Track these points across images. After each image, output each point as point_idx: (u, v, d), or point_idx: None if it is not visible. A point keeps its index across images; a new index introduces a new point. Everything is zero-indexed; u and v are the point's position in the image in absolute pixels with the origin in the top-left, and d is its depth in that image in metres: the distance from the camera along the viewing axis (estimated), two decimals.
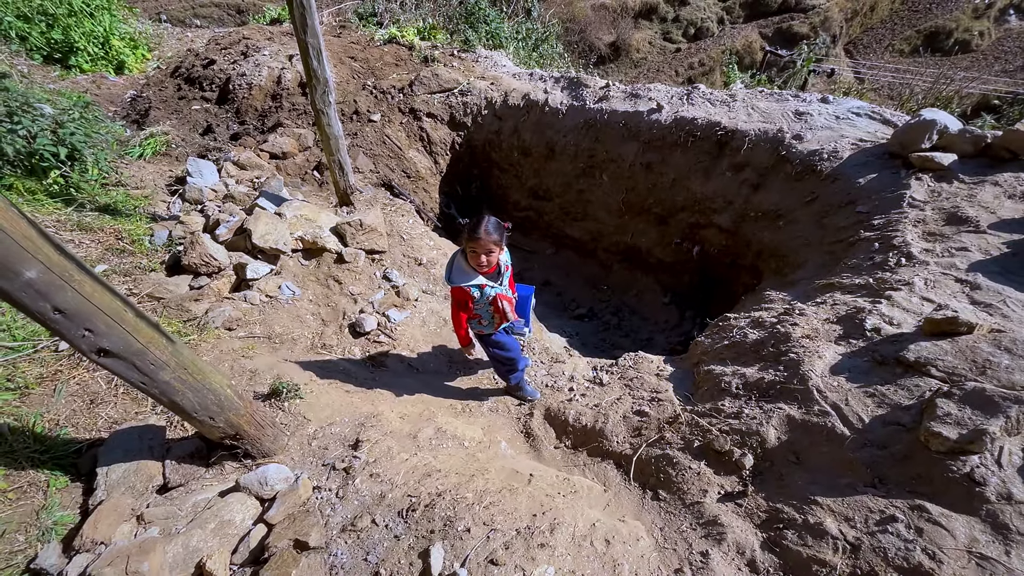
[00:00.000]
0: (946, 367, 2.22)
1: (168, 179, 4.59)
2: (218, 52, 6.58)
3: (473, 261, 2.44)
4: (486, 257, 2.41)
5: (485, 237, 2.34)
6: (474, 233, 2.35)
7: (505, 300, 2.62)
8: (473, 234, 2.35)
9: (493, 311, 2.68)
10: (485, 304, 2.62)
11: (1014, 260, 2.90)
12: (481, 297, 2.54)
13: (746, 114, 5.04)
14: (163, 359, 1.74)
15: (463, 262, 2.49)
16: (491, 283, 2.55)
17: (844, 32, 23.44)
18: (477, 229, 2.35)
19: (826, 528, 1.93)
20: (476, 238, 2.34)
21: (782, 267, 4.26)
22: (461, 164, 6.42)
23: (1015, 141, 3.54)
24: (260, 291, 3.55)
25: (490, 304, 2.63)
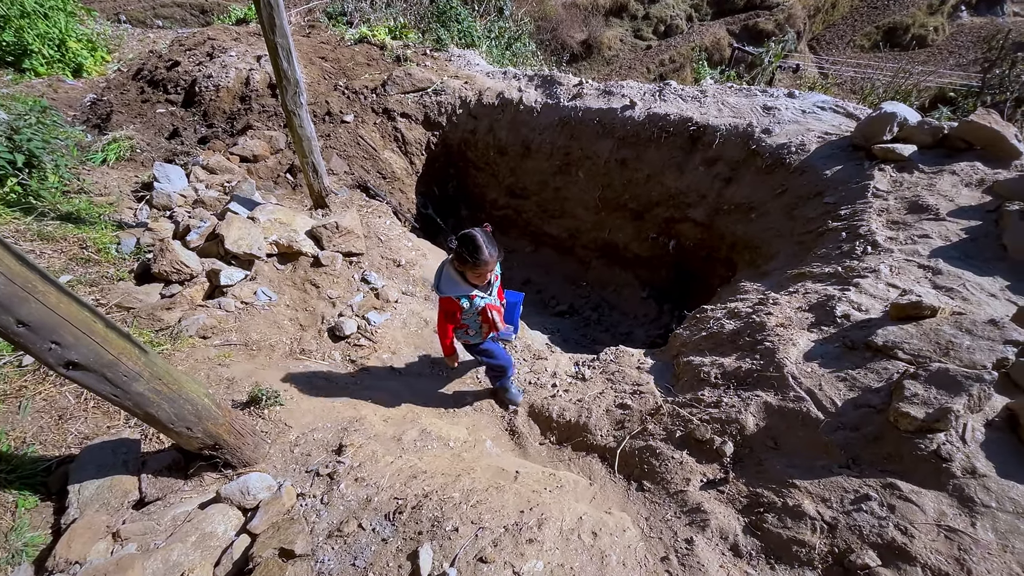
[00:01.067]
0: (912, 350, 2.31)
1: (134, 185, 4.44)
2: (182, 53, 6.40)
3: (474, 280, 2.35)
4: (490, 274, 2.33)
5: (491, 259, 2.21)
6: (478, 258, 2.19)
7: (494, 311, 2.54)
8: (477, 259, 2.19)
9: (481, 321, 2.59)
10: (474, 315, 2.52)
11: (972, 245, 3.03)
12: (470, 308, 2.44)
13: (717, 109, 5.14)
14: (136, 370, 1.69)
15: (453, 272, 2.37)
16: (481, 294, 2.45)
17: (808, 29, 24.10)
18: (479, 254, 2.19)
19: (804, 509, 1.99)
20: (482, 263, 2.20)
21: (756, 259, 4.36)
22: (437, 164, 6.38)
23: (970, 132, 3.70)
24: (235, 298, 3.47)
25: (479, 315, 2.53)
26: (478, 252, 2.19)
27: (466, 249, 2.21)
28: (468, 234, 2.22)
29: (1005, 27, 20.40)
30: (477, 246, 2.19)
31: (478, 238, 2.20)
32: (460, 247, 2.22)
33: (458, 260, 2.28)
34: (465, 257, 2.22)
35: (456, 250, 2.24)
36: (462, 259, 2.24)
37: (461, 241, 2.23)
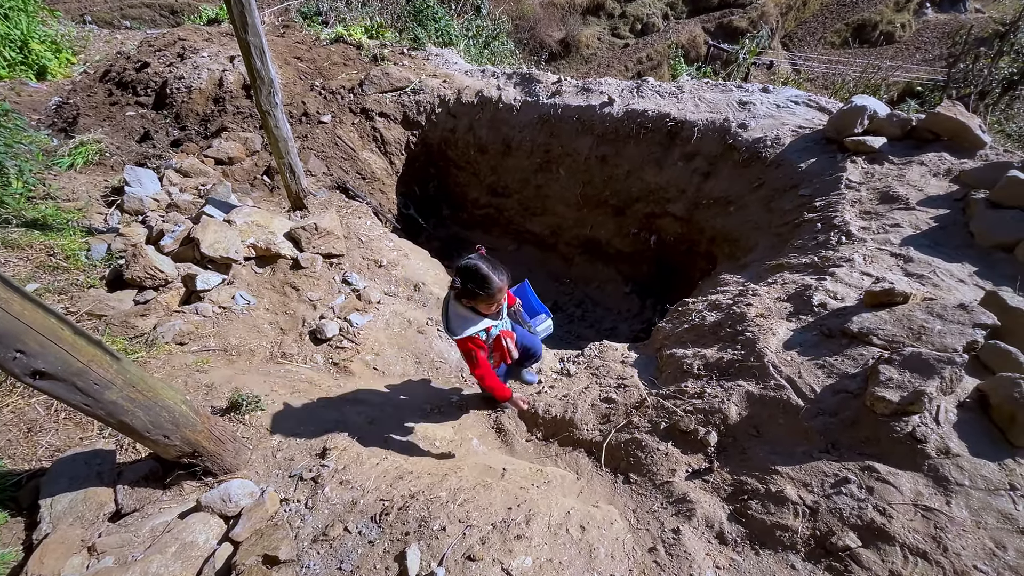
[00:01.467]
0: (886, 335, 2.37)
1: (104, 190, 4.31)
2: (152, 55, 6.23)
3: (486, 311, 2.15)
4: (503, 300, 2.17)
5: (503, 285, 2.04)
6: (489, 289, 2.00)
7: (508, 338, 2.36)
8: (488, 290, 2.00)
9: (493, 349, 2.38)
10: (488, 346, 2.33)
11: (941, 233, 3.12)
12: (487, 340, 2.26)
13: (694, 105, 5.20)
14: (108, 378, 1.64)
15: (462, 309, 2.16)
16: (494, 322, 2.26)
17: (780, 26, 24.56)
18: (489, 285, 1.99)
19: (786, 495, 2.03)
20: (495, 292, 2.02)
21: (735, 251, 4.43)
22: (417, 163, 6.34)
23: (936, 123, 3.80)
24: (212, 302, 3.40)
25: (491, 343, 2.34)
26: (487, 283, 1.99)
27: (472, 282, 2.00)
28: (469, 266, 2.01)
29: (967, 23, 21.07)
30: (483, 276, 1.99)
31: (481, 267, 2.00)
32: (465, 282, 2.01)
33: (465, 296, 2.07)
34: (474, 291, 2.02)
35: (461, 287, 2.02)
36: (470, 294, 2.03)
37: (463, 275, 2.01)
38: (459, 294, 2.08)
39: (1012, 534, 1.70)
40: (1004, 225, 2.90)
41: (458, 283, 2.03)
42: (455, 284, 2.04)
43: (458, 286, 2.03)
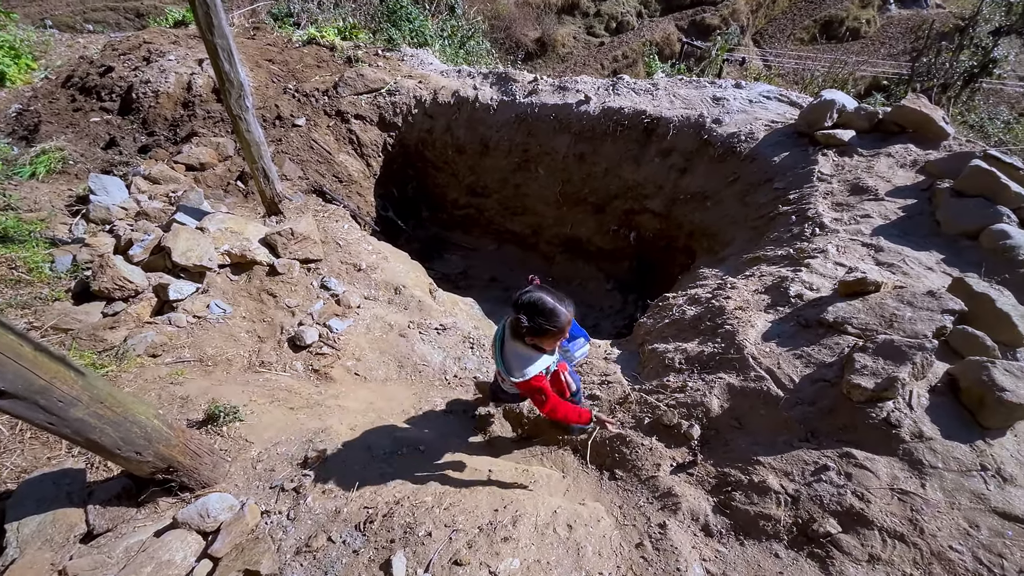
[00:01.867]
0: (860, 324, 2.42)
1: (68, 199, 4.17)
2: (116, 59, 6.04)
3: (551, 347, 1.98)
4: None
5: (571, 318, 1.88)
6: (557, 323, 1.82)
7: (563, 370, 2.23)
8: (557, 324, 1.82)
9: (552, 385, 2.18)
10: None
11: (909, 222, 3.21)
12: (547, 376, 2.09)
13: (669, 101, 5.25)
14: (73, 394, 1.57)
15: (526, 350, 1.96)
16: (553, 356, 2.09)
17: (751, 23, 25.00)
18: (558, 319, 1.82)
19: (769, 485, 2.06)
20: (564, 326, 1.85)
21: (713, 245, 4.48)
22: (395, 165, 6.27)
23: (902, 116, 3.91)
24: (186, 312, 3.31)
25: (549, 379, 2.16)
26: (555, 317, 1.82)
27: (541, 318, 1.82)
28: (532, 301, 1.83)
29: (929, 18, 21.76)
30: (551, 310, 1.82)
31: (547, 300, 1.83)
32: (532, 319, 1.82)
33: (532, 335, 1.87)
34: (542, 327, 1.83)
35: (527, 326, 1.82)
36: (537, 331, 1.85)
37: (528, 311, 1.83)
38: (526, 334, 1.87)
39: (984, 513, 1.75)
40: (968, 213, 2.99)
41: (524, 321, 1.82)
42: (519, 323, 1.83)
43: (525, 324, 1.82)
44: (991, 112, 12.08)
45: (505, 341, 2.02)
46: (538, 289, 1.89)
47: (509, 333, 1.98)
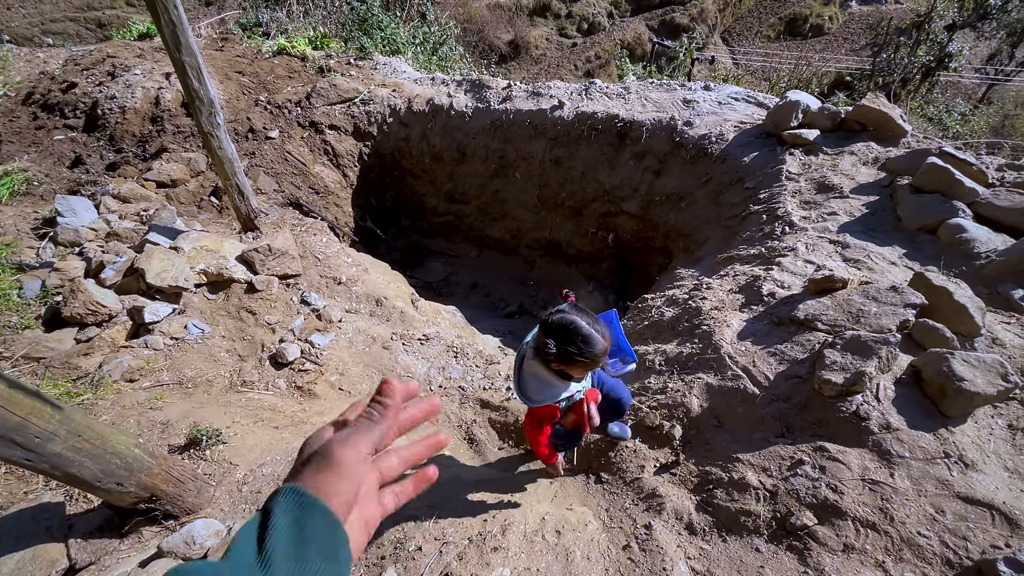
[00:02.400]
0: (829, 320, 2.51)
1: (33, 222, 4.05)
2: (79, 74, 5.89)
3: (579, 374, 1.74)
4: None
5: (607, 346, 1.63)
6: (592, 352, 1.59)
7: (592, 400, 1.98)
8: (592, 354, 1.59)
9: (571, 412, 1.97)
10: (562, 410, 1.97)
11: (873, 219, 3.34)
12: (565, 404, 1.91)
13: (640, 105, 5.35)
14: (50, 429, 1.55)
15: (546, 374, 1.73)
16: (582, 384, 1.89)
17: (719, 22, 25.53)
18: (593, 346, 1.58)
19: (748, 481, 2.12)
20: (595, 357, 1.60)
21: (689, 245, 4.58)
22: (372, 174, 6.25)
23: (862, 115, 4.06)
24: (163, 334, 3.25)
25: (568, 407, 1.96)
26: (589, 346, 1.58)
27: (570, 346, 1.59)
28: (563, 324, 1.60)
29: (888, 15, 22.52)
30: (585, 337, 1.57)
31: (581, 326, 1.58)
32: (561, 343, 1.60)
33: (559, 361, 1.64)
34: (572, 356, 1.59)
35: (556, 351, 1.60)
36: (566, 358, 1.61)
37: (558, 336, 1.60)
38: (553, 359, 1.64)
39: (949, 499, 1.85)
40: (926, 209, 3.13)
41: (551, 347, 1.60)
42: (546, 347, 1.60)
43: (551, 351, 1.60)
44: (948, 104, 12.57)
45: (526, 359, 1.79)
46: (573, 310, 1.64)
47: (531, 353, 1.75)
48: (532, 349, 1.75)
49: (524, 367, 1.81)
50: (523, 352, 1.84)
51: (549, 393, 1.77)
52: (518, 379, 1.84)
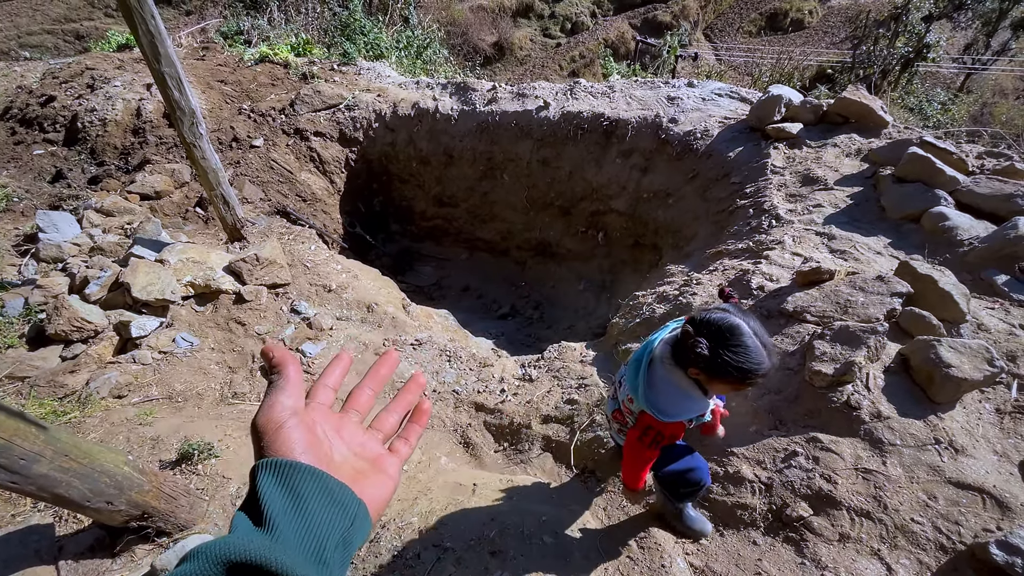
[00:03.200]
0: (818, 312, 2.53)
1: (15, 239, 3.99)
2: (57, 87, 5.82)
3: (719, 391, 1.50)
4: None
5: (770, 368, 1.29)
6: (754, 367, 1.26)
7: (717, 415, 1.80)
8: (751, 368, 1.25)
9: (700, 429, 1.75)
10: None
11: (857, 209, 3.37)
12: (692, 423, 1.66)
13: (626, 103, 5.37)
14: (35, 450, 1.52)
15: (681, 377, 1.43)
16: (711, 403, 1.67)
17: (701, 19, 25.73)
18: (754, 364, 1.25)
19: (743, 475, 2.13)
20: (752, 379, 1.29)
21: (678, 241, 4.61)
22: (359, 180, 6.22)
23: (844, 107, 4.10)
24: (151, 348, 3.21)
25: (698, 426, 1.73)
26: (755, 359, 1.26)
27: (731, 353, 1.26)
28: (728, 327, 1.27)
29: (867, 7, 22.82)
30: (750, 349, 1.26)
31: (747, 333, 1.26)
32: (717, 348, 1.27)
33: (706, 370, 1.32)
34: (725, 368, 1.26)
35: (706, 355, 1.27)
36: (717, 369, 1.28)
37: (716, 338, 1.28)
38: (696, 362, 1.32)
39: (941, 484, 1.87)
40: (910, 198, 3.17)
41: (703, 349, 1.27)
42: (695, 346, 1.29)
43: (702, 353, 1.28)
44: (928, 94, 12.77)
45: (657, 361, 1.49)
46: (739, 313, 1.32)
47: (667, 353, 1.46)
48: (668, 349, 1.45)
49: (657, 371, 1.48)
50: (650, 351, 1.53)
51: (687, 407, 1.46)
52: (646, 384, 1.51)
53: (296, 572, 0.36)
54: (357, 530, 0.45)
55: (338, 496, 0.44)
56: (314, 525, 0.41)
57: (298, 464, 0.44)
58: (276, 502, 0.41)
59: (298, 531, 0.40)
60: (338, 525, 0.43)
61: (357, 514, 0.45)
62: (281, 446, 0.46)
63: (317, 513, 0.42)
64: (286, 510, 0.41)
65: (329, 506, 0.43)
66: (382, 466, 0.54)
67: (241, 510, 0.42)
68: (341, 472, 0.49)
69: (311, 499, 0.42)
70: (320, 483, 0.44)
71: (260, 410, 0.49)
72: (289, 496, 0.42)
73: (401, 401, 0.63)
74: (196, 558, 0.35)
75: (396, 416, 0.61)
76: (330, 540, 0.41)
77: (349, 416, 0.58)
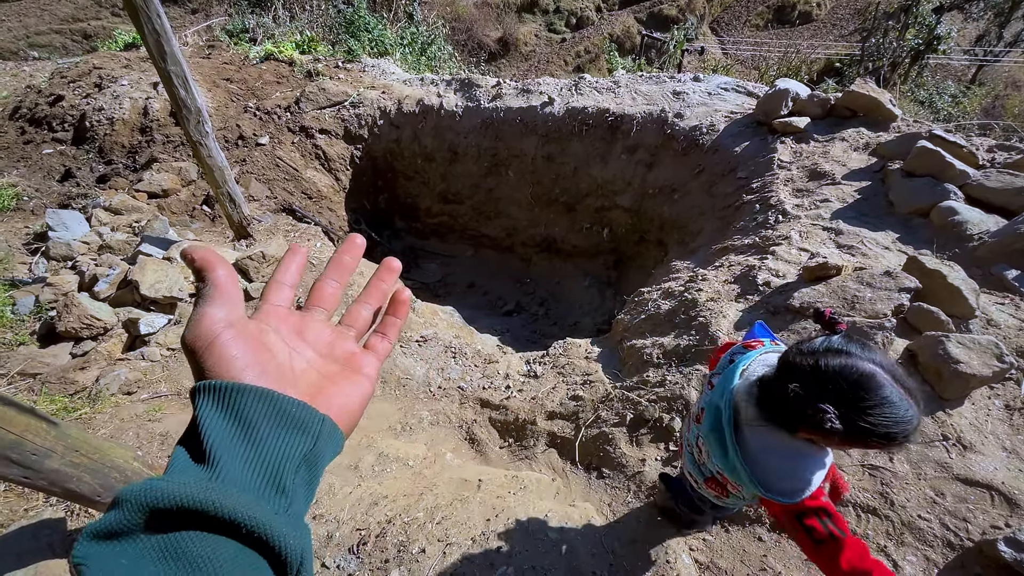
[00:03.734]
0: (825, 307, 2.51)
1: (25, 237, 4.03)
2: (65, 86, 5.86)
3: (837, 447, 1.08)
4: None
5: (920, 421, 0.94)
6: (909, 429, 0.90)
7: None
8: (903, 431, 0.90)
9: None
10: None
11: (865, 204, 3.34)
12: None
13: (631, 98, 5.34)
14: (46, 446, 1.54)
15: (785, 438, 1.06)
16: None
17: (708, 12, 25.49)
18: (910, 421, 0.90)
19: None
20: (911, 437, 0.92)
21: (684, 237, 4.58)
22: (365, 177, 6.23)
23: (852, 101, 4.06)
24: (160, 345, 3.24)
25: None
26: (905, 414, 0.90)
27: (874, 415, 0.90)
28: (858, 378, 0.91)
29: None
30: (896, 408, 0.90)
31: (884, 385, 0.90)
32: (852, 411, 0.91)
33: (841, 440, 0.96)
34: (869, 435, 0.91)
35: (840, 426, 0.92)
36: (856, 439, 0.94)
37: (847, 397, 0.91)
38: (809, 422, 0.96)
39: (948, 481, 1.85)
40: (918, 192, 3.13)
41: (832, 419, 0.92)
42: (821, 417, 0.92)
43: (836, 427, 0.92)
44: (939, 87, 12.60)
45: (745, 426, 1.11)
46: (861, 349, 0.95)
47: (755, 412, 1.08)
48: (753, 407, 1.08)
49: (751, 441, 1.09)
50: (727, 407, 1.13)
51: (811, 469, 1.06)
52: (744, 463, 1.09)
53: (237, 513, 0.31)
54: (323, 447, 0.40)
55: (294, 415, 0.39)
56: (266, 452, 0.36)
57: (241, 386, 0.38)
58: (217, 432, 0.36)
59: (246, 463, 0.36)
60: (296, 448, 0.38)
61: (321, 431, 0.40)
62: (218, 364, 0.40)
63: (268, 438, 0.37)
64: (230, 440, 0.36)
65: (283, 428, 0.38)
66: (356, 365, 0.49)
67: (180, 444, 0.37)
68: (304, 380, 0.44)
69: (260, 423, 0.37)
70: (270, 403, 0.39)
71: (188, 325, 0.42)
72: (234, 423, 0.37)
73: (373, 290, 0.55)
74: (120, 505, 0.31)
75: (369, 308, 0.54)
76: (287, 465, 0.37)
77: (312, 314, 0.51)
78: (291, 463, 0.37)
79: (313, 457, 0.39)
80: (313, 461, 0.39)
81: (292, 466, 0.37)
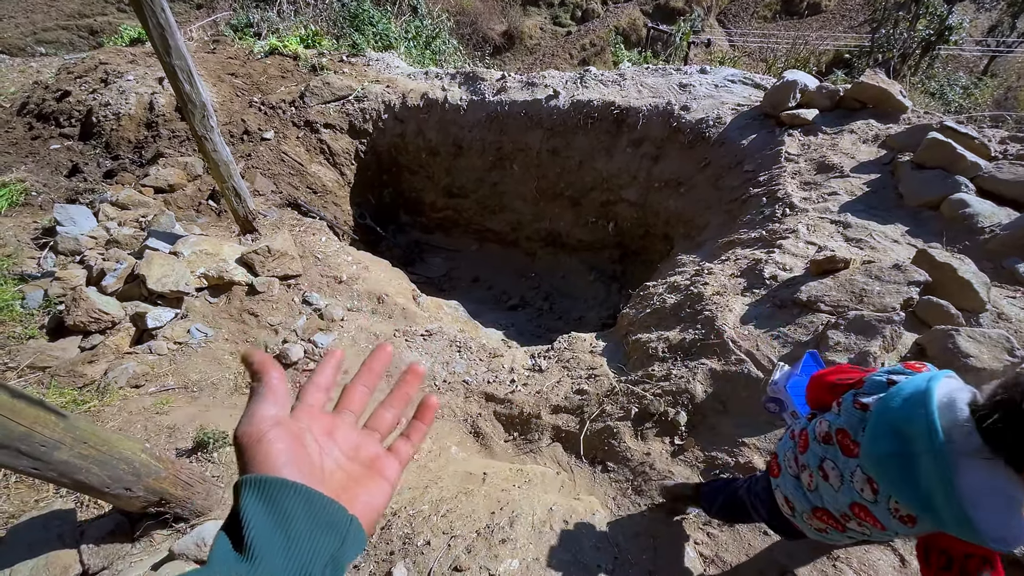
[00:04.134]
0: (832, 301, 2.49)
1: (33, 232, 4.06)
2: (72, 82, 5.88)
3: None
4: None
5: None
6: None
7: None
8: None
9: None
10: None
11: (874, 197, 3.30)
12: None
13: (636, 91, 5.30)
14: (55, 438, 1.56)
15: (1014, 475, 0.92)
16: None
17: (715, 4, 25.21)
18: None
19: (754, 465, 2.12)
20: None
21: (689, 231, 4.55)
22: (369, 172, 6.23)
23: (861, 92, 4.00)
24: (167, 339, 3.27)
25: None
26: None
27: None
28: None
29: None
30: None
31: None
32: None
33: None
34: None
35: None
36: None
37: None
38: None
39: None
40: (928, 185, 3.09)
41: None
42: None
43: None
44: (950, 78, 12.41)
45: (961, 460, 0.94)
46: None
47: (978, 443, 0.93)
48: (975, 434, 0.94)
49: (972, 479, 0.94)
50: (947, 445, 0.95)
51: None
52: (962, 501, 0.93)
53: None
54: (348, 548, 0.43)
55: (327, 514, 0.43)
56: (299, 548, 0.40)
57: (282, 481, 0.42)
58: (258, 524, 0.39)
59: (282, 556, 0.38)
60: (326, 546, 0.41)
61: (348, 531, 0.44)
62: (264, 460, 0.44)
63: (303, 535, 0.40)
64: (269, 533, 0.39)
65: (316, 526, 0.41)
66: (379, 469, 0.52)
67: (223, 530, 0.40)
68: (333, 480, 0.47)
69: (296, 519, 0.41)
70: (306, 501, 0.42)
71: (241, 421, 0.47)
72: (273, 517, 0.40)
73: (398, 395, 0.59)
74: None
75: (393, 412, 0.59)
76: (316, 563, 0.40)
77: (342, 417, 0.55)
78: (320, 560, 0.40)
79: (339, 557, 0.42)
80: (338, 561, 0.42)
81: (320, 564, 0.40)
